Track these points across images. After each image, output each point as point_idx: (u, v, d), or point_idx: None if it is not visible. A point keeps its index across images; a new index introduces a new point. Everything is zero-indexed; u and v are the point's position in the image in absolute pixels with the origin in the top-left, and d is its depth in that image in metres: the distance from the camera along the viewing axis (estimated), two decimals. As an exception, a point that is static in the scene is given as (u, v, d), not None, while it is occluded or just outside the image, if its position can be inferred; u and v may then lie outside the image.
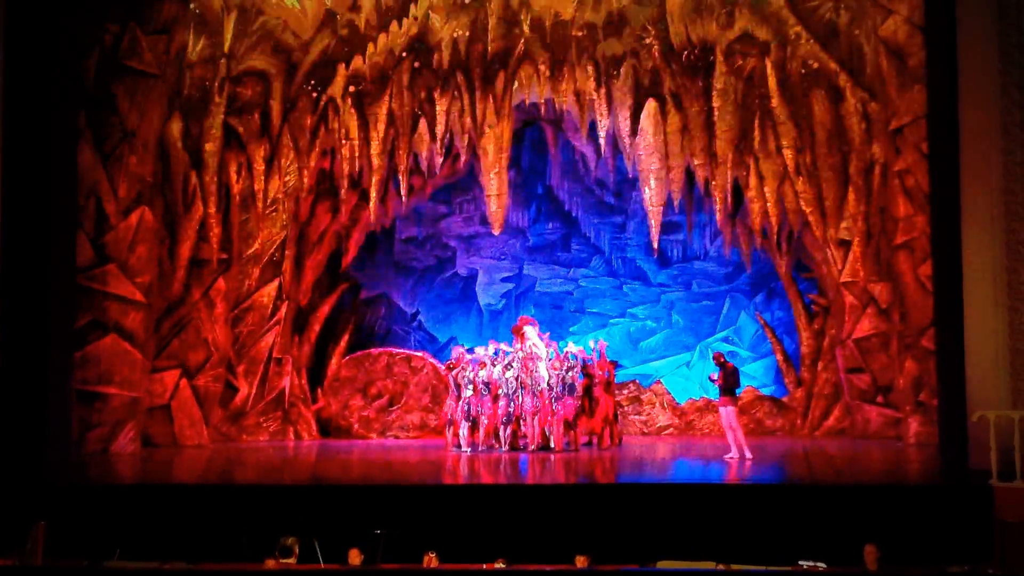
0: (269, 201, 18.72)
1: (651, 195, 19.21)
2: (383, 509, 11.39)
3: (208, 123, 17.89)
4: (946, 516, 11.24)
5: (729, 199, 18.94)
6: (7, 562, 10.15)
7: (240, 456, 16.57)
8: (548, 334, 17.86)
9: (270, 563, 8.99)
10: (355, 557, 9.91)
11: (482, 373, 16.66)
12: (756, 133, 18.44)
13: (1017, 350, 12.72)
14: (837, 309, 18.69)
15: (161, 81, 16.97)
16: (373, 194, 19.07)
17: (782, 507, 11.50)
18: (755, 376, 20.26)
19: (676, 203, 19.36)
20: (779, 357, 20.14)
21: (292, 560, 8.52)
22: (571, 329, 20.92)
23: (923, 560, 10.59)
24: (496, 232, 19.98)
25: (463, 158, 19.61)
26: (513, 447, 16.40)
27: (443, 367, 18.55)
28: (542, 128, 20.63)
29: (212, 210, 18.00)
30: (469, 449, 16.30)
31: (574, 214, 21.13)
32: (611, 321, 20.90)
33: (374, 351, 20.23)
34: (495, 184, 19.18)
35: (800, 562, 9.96)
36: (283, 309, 19.12)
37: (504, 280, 21.13)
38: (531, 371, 16.55)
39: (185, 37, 17.38)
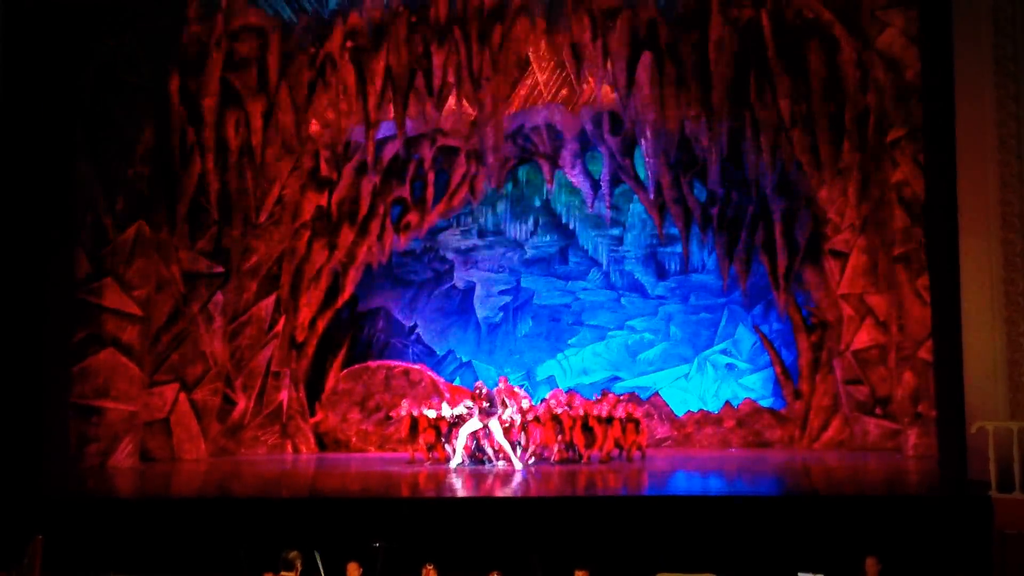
0: (268, 213, 18.76)
1: (647, 147, 19.20)
2: (381, 522, 11.36)
3: (205, 79, 17.85)
4: (945, 528, 11.22)
5: (725, 149, 18.87)
6: (5, 576, 10.13)
7: (238, 469, 16.53)
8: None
9: (269, 576, 8.95)
10: (354, 570, 9.87)
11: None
12: (752, 84, 18.37)
13: (1015, 361, 12.70)
14: (835, 321, 18.71)
15: (157, 94, 17.01)
16: (370, 144, 19.01)
17: (781, 519, 11.47)
18: (753, 388, 20.27)
19: (672, 157, 19.34)
20: (777, 369, 20.14)
21: (293, 574, 8.48)
22: (569, 341, 20.93)
23: (922, 572, 10.58)
24: (493, 185, 20.00)
25: (460, 193, 20.07)
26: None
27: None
28: (538, 163, 20.72)
29: (211, 166, 17.96)
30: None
31: (571, 227, 21.15)
32: (609, 333, 20.90)
33: (372, 364, 20.22)
34: (491, 137, 19.15)
35: (799, 574, 9.94)
36: (281, 323, 19.12)
37: (502, 293, 21.13)
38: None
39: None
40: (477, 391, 16.13)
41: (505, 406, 16.07)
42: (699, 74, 18.40)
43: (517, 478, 14.66)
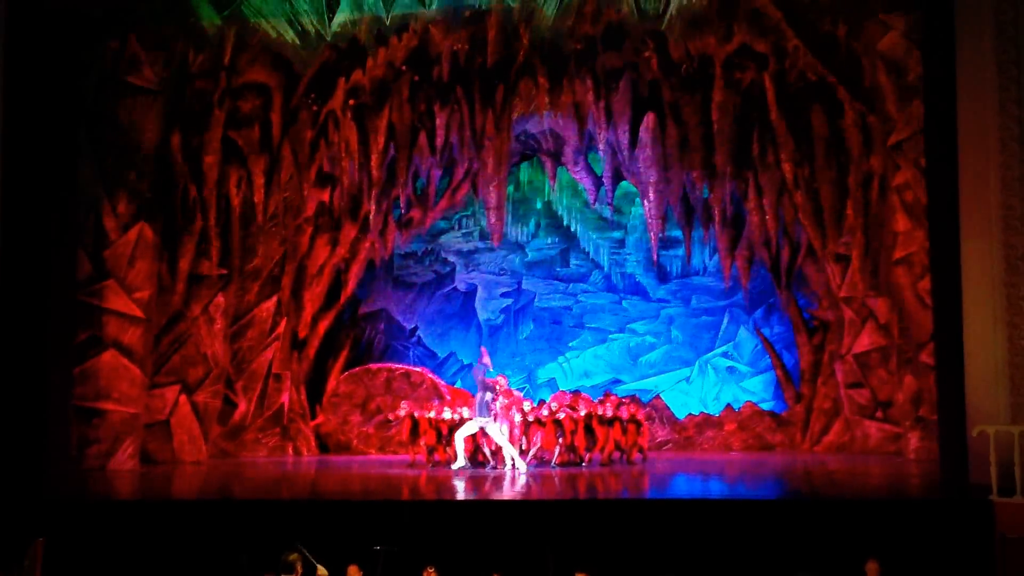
0: (269, 215, 18.73)
1: (650, 207, 19.22)
2: (382, 525, 11.36)
3: (208, 136, 17.83)
4: (946, 531, 11.21)
5: (728, 211, 18.92)
6: (5, 579, 10.13)
7: (239, 472, 16.53)
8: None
9: (269, 579, 8.94)
10: (355, 573, 9.88)
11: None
12: (755, 146, 18.44)
13: (1016, 365, 12.69)
14: (836, 324, 18.69)
15: (160, 96, 16.98)
16: (373, 207, 19.09)
17: (782, 522, 11.46)
18: (754, 391, 20.26)
19: (676, 215, 19.35)
20: (778, 372, 20.13)
21: (293, 577, 8.49)
22: (570, 344, 20.93)
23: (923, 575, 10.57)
24: (496, 244, 20.04)
25: (462, 190, 20.04)
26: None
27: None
28: (542, 160, 20.72)
29: (212, 222, 17.96)
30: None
31: (573, 229, 21.16)
32: (610, 336, 20.89)
33: (373, 366, 20.22)
34: (494, 196, 19.20)
35: (800, 577, 9.94)
36: (282, 325, 19.12)
37: (503, 295, 21.14)
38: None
39: (185, 51, 17.33)
40: (495, 384, 16.13)
41: (498, 399, 16.07)
42: (702, 135, 18.42)
43: (518, 481, 14.66)
